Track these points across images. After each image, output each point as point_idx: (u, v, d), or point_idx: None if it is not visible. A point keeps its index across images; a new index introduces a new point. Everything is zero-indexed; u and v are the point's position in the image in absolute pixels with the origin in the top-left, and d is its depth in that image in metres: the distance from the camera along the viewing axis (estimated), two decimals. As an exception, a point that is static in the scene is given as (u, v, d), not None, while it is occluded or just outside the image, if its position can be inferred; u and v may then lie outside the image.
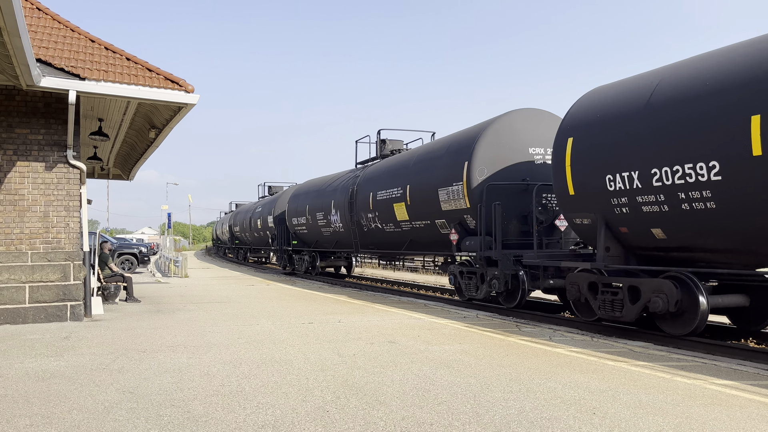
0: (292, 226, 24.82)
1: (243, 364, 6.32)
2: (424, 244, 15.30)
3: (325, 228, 21.10)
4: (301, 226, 23.71)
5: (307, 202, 22.73)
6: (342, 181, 20.22)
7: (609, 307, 9.30)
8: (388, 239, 16.94)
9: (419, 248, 15.89)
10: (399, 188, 15.39)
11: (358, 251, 19.55)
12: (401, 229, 15.71)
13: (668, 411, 4.61)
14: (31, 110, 9.67)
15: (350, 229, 18.80)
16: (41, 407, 4.72)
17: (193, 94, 9.80)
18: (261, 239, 32.74)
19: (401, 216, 15.41)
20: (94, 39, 10.57)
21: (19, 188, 9.60)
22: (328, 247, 22.05)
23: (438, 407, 4.70)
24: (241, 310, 11.14)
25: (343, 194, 19.28)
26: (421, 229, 14.81)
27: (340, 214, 19.49)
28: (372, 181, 17.35)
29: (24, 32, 6.65)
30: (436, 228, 14.02)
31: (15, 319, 9.36)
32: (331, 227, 20.52)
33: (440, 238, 14.10)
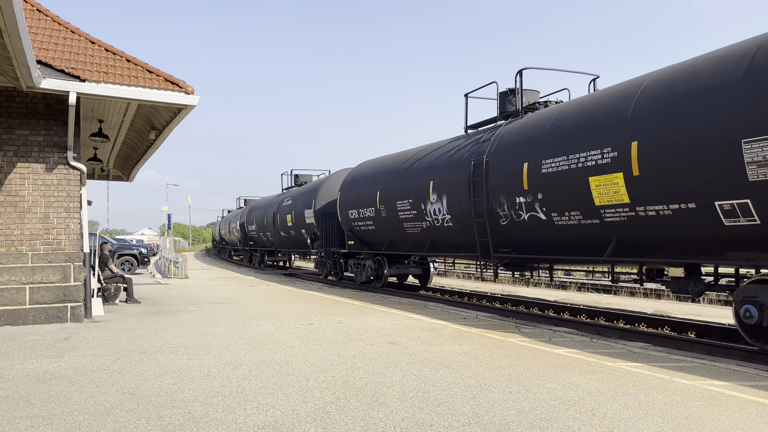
0: (347, 222, 19.11)
1: (243, 365, 6.34)
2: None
3: (413, 222, 15.05)
4: (364, 220, 17.91)
5: (377, 188, 16.88)
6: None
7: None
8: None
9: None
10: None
11: (490, 256, 12.36)
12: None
13: (667, 412, 4.62)
14: (31, 112, 9.69)
15: (470, 222, 12.61)
16: (42, 408, 4.73)
17: (193, 96, 9.82)
18: (291, 239, 26.95)
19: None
20: (95, 41, 10.59)
21: (20, 189, 9.62)
22: (413, 249, 16.13)
23: (438, 408, 4.72)
24: (241, 311, 11.15)
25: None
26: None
27: (447, 199, 13.46)
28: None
29: (24, 34, 6.67)
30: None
31: (15, 321, 9.37)
32: (427, 220, 14.36)
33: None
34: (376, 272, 18.16)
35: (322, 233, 21.46)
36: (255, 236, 37.58)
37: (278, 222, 28.97)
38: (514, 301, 14.86)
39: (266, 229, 33.59)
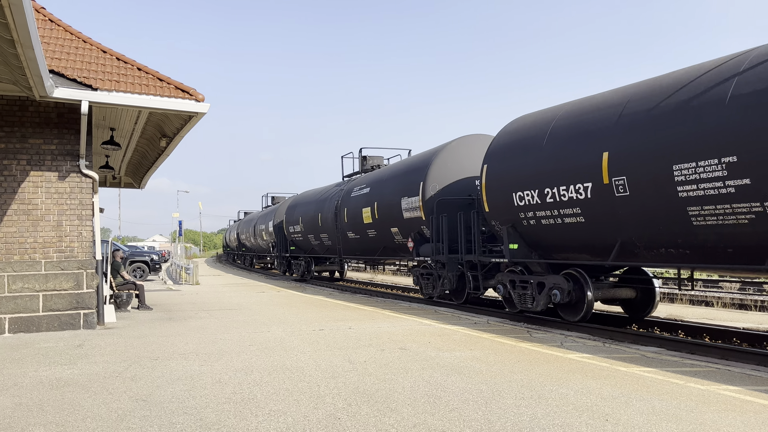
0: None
1: (254, 371, 6.35)
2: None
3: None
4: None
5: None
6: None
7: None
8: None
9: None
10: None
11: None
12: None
13: (682, 417, 4.58)
14: (44, 121, 9.79)
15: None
16: (55, 415, 4.76)
17: (204, 103, 9.89)
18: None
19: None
20: (106, 50, 10.69)
21: (33, 198, 9.71)
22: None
23: (449, 414, 4.70)
24: (252, 317, 11.18)
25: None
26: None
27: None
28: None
29: (37, 44, 6.75)
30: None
31: (29, 328, 9.45)
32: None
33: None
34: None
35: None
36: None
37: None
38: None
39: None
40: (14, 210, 9.60)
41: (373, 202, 17.69)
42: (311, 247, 24.94)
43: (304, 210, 24.59)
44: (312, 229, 23.72)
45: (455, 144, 15.16)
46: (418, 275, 15.91)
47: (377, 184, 17.99)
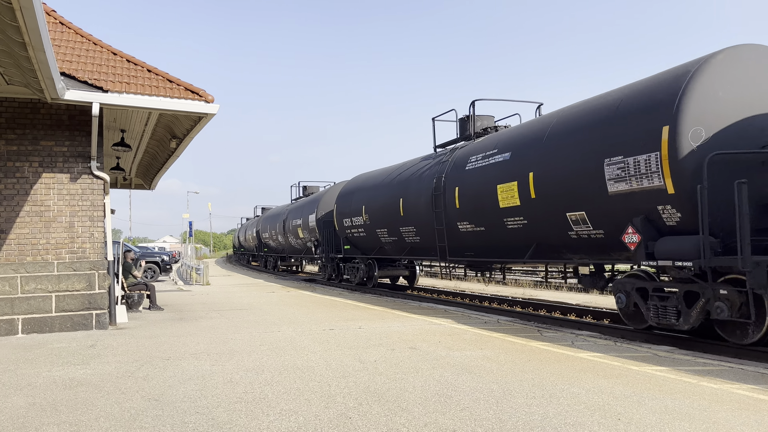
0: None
1: (265, 370, 6.37)
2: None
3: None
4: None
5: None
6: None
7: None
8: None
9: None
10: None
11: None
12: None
13: (695, 416, 4.54)
14: (55, 123, 9.87)
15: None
16: (69, 415, 4.80)
17: (213, 104, 9.93)
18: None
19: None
20: (117, 52, 10.76)
21: (45, 199, 9.79)
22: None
23: (460, 413, 4.69)
24: (263, 317, 11.22)
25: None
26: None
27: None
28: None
29: (48, 47, 6.80)
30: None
31: (42, 328, 9.53)
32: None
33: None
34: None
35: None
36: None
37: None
38: (535, 305, 14.74)
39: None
40: (27, 211, 9.69)
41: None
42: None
43: (370, 197, 18.88)
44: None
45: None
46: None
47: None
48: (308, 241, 26.35)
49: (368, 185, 19.33)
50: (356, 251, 20.96)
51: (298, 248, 29.02)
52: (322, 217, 24.20)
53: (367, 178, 20.05)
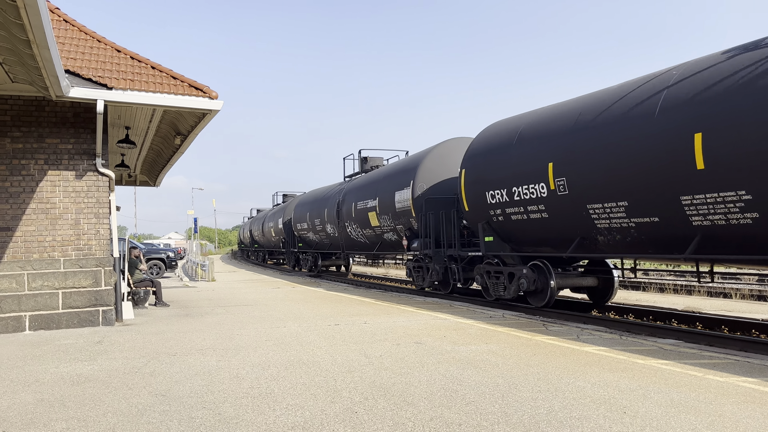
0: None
1: (271, 366, 6.39)
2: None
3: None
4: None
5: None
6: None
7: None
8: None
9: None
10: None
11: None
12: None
13: (701, 409, 4.54)
14: (60, 120, 9.90)
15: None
16: (77, 411, 4.83)
17: (217, 101, 9.94)
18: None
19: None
20: (120, 49, 10.78)
21: (51, 197, 9.84)
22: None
23: (466, 407, 4.70)
24: (268, 313, 11.25)
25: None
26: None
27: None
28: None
29: (53, 44, 6.82)
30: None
31: (49, 325, 9.58)
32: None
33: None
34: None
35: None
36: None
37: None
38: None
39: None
40: (33, 209, 9.73)
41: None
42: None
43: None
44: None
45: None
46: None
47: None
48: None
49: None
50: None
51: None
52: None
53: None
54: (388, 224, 18.17)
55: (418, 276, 17.00)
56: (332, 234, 23.01)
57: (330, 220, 23.40)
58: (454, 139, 16.72)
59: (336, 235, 22.65)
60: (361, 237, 20.83)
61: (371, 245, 20.22)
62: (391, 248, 19.16)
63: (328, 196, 23.82)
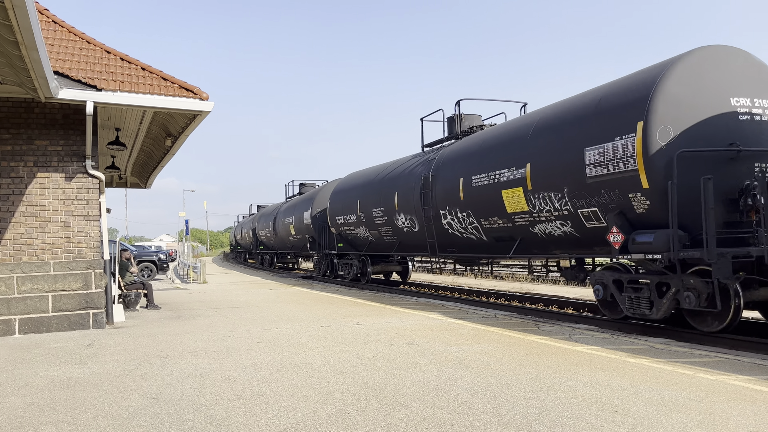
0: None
1: (263, 368, 6.37)
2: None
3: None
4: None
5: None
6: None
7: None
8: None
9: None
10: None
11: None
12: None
13: (691, 408, 4.57)
14: (49, 122, 9.83)
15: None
16: (67, 414, 4.79)
17: (208, 102, 9.90)
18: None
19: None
20: (110, 50, 10.72)
21: (40, 199, 9.77)
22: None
23: (458, 408, 4.70)
24: (260, 315, 11.22)
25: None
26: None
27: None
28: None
29: (41, 46, 6.77)
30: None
31: (39, 328, 9.51)
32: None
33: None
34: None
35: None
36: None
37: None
38: (533, 299, 14.79)
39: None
40: (22, 211, 9.66)
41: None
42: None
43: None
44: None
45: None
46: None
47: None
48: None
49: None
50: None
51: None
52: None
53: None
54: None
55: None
56: (408, 228, 16.25)
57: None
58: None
59: (417, 229, 15.74)
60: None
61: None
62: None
63: (401, 175, 16.65)
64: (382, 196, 17.32)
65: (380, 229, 17.98)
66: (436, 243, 14.88)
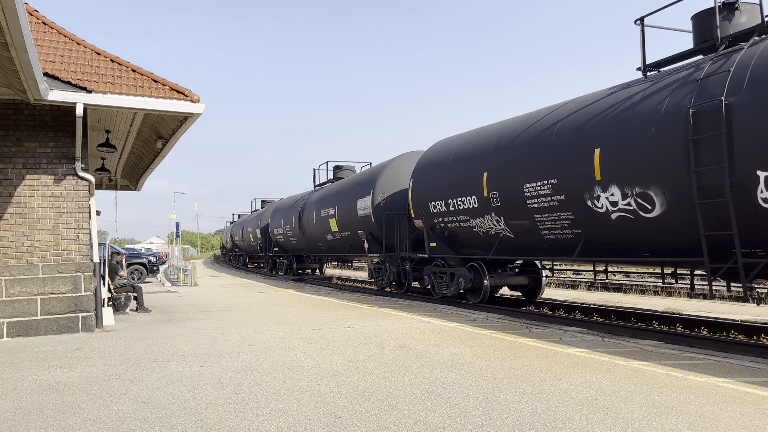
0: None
1: (255, 371, 6.35)
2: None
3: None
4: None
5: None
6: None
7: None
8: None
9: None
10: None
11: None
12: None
13: (681, 410, 4.59)
14: (39, 124, 9.76)
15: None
16: (56, 419, 4.75)
17: (199, 104, 9.87)
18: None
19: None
20: (100, 51, 10.66)
21: (29, 201, 9.68)
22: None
23: (450, 410, 4.70)
24: (251, 318, 11.17)
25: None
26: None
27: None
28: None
29: (31, 47, 6.72)
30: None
31: (27, 332, 9.42)
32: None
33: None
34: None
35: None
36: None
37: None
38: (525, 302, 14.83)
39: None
40: (10, 214, 9.57)
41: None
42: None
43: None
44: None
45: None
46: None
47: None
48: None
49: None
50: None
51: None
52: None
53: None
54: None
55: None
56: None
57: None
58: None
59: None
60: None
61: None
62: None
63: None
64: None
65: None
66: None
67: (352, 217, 19.40)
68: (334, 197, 21.43)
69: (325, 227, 22.03)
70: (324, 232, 22.34)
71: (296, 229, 25.82)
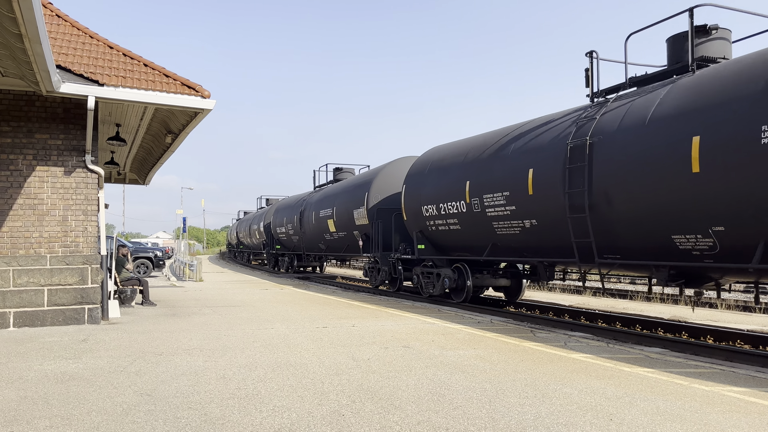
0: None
1: (258, 367, 6.36)
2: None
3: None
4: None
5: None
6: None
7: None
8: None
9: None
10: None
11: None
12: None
13: (686, 418, 4.57)
14: (50, 116, 9.82)
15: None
16: (60, 409, 4.78)
17: (209, 100, 9.90)
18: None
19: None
20: (113, 45, 10.71)
21: (39, 192, 9.74)
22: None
23: (453, 412, 4.70)
24: (256, 314, 11.20)
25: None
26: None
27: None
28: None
29: (45, 39, 6.76)
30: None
31: (34, 322, 9.48)
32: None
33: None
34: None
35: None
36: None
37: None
38: (529, 306, 14.80)
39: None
40: (20, 204, 9.63)
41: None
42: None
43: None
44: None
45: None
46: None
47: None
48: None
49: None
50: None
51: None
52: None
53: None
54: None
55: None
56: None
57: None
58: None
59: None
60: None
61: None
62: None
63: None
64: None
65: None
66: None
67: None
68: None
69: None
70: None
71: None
